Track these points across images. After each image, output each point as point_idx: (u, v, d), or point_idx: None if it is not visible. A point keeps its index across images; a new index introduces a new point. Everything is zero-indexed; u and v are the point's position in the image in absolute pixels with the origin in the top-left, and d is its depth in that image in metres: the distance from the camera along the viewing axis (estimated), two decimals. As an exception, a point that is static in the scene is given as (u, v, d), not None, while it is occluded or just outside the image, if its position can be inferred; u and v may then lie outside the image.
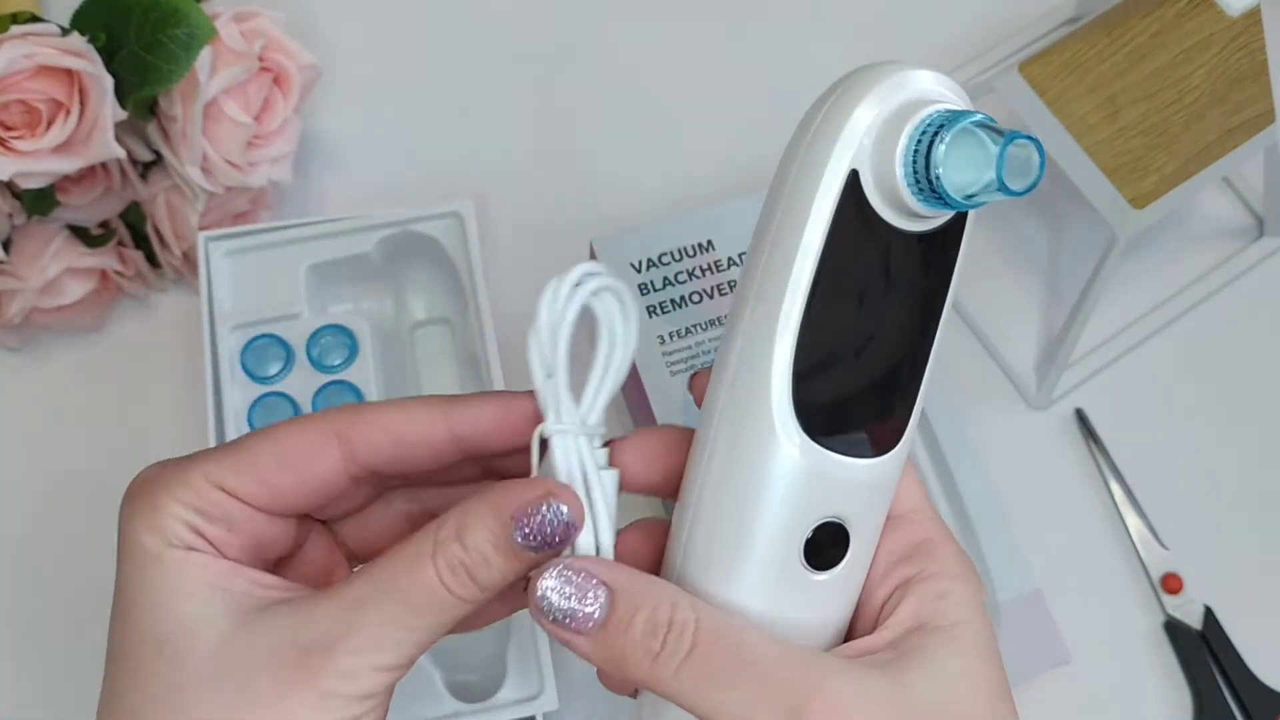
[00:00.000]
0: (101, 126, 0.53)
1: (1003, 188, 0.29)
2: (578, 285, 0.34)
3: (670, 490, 0.35)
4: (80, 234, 0.59)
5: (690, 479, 0.34)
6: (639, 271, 0.58)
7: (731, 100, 0.70)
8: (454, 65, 0.70)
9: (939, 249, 0.32)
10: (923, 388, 0.34)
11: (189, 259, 0.60)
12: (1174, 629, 0.59)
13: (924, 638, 0.32)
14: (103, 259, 0.59)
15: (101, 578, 0.58)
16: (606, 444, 0.35)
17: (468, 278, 0.57)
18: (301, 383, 0.55)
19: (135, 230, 0.61)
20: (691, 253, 0.58)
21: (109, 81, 0.53)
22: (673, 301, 0.57)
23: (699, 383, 0.35)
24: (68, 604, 0.57)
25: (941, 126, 0.29)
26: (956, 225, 0.32)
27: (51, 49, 0.52)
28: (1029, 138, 0.29)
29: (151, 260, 0.62)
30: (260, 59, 0.57)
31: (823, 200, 0.31)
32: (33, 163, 0.52)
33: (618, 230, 0.59)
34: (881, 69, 0.31)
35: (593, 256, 0.58)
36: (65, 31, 0.53)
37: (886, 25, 0.72)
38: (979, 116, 0.29)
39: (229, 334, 0.56)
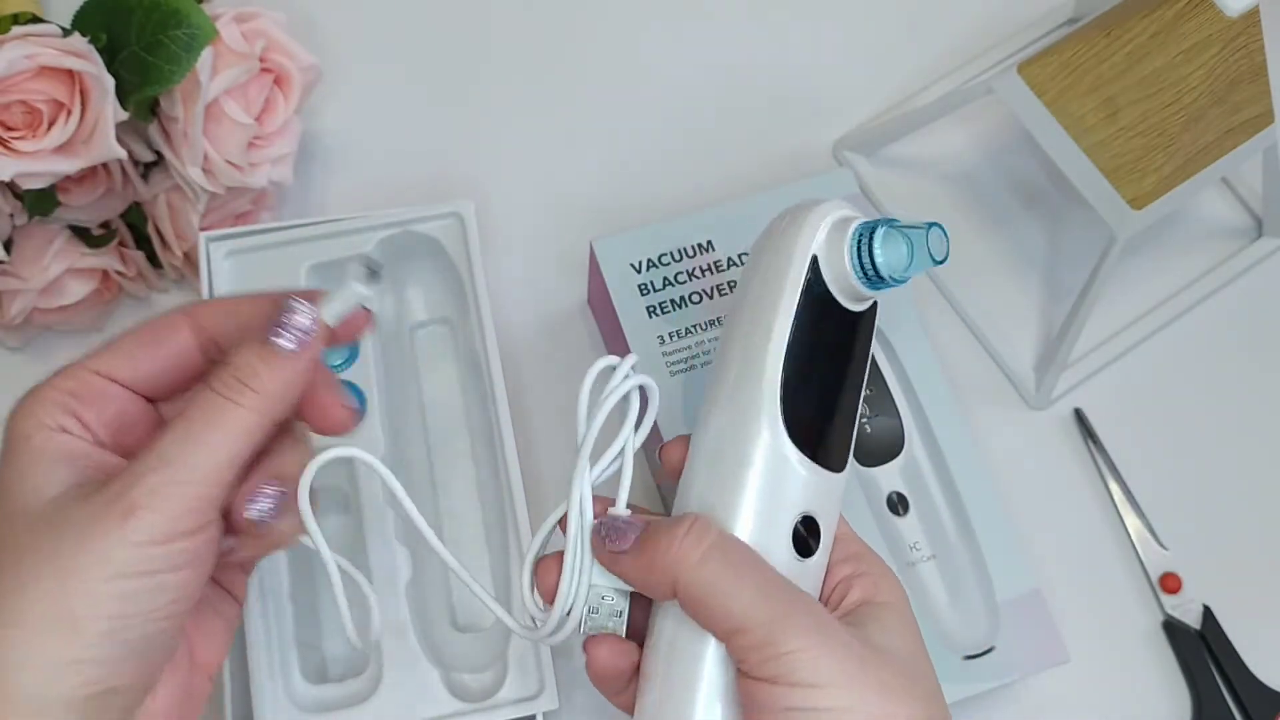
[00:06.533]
0: (103, 127, 0.53)
1: (931, 260, 0.41)
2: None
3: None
4: (81, 234, 0.59)
5: (691, 477, 0.42)
6: (639, 272, 0.58)
7: (731, 100, 0.70)
8: (454, 65, 0.70)
9: (865, 325, 0.43)
10: (855, 427, 0.44)
11: (190, 259, 0.60)
12: (1173, 629, 0.60)
13: (868, 609, 0.41)
14: (104, 259, 0.59)
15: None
16: None
17: (468, 278, 0.57)
18: (302, 383, 0.56)
19: (136, 230, 0.61)
20: (691, 253, 0.59)
21: (110, 82, 0.53)
22: (673, 301, 0.57)
23: (669, 452, 0.44)
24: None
25: (870, 233, 0.41)
26: (871, 311, 0.44)
27: (53, 50, 0.52)
28: (936, 225, 0.41)
29: (153, 260, 0.62)
30: (261, 59, 0.57)
31: (793, 277, 0.41)
32: (34, 163, 0.53)
33: (618, 230, 0.59)
34: (815, 204, 0.43)
35: (592, 256, 0.59)
36: (66, 32, 0.53)
37: (886, 27, 0.73)
38: (888, 221, 0.41)
39: (230, 334, 0.56)
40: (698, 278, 0.58)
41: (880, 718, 0.37)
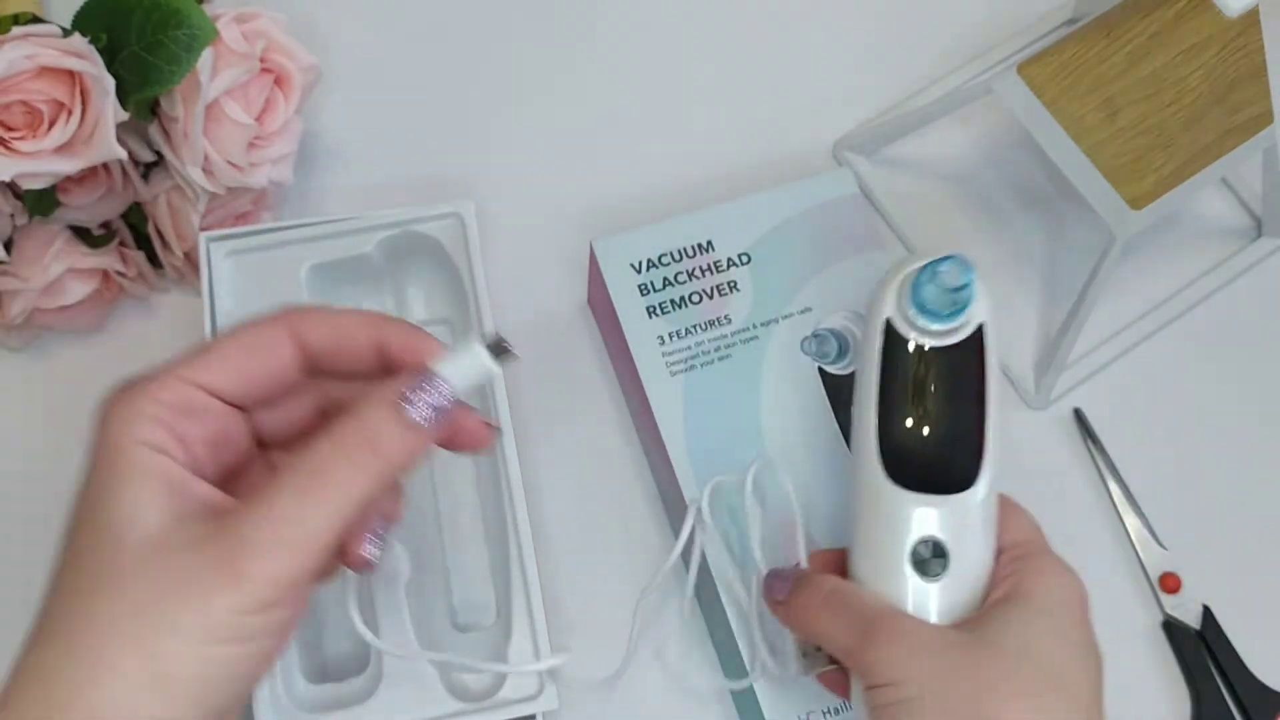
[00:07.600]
0: (103, 127, 0.53)
1: (947, 291, 0.44)
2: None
3: None
4: (82, 234, 0.59)
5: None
6: (639, 272, 0.58)
7: (731, 101, 0.70)
8: (454, 65, 0.70)
9: (968, 353, 0.46)
10: (988, 447, 0.46)
11: (190, 259, 0.60)
12: (1172, 628, 0.60)
13: (1000, 605, 0.43)
14: (104, 259, 0.59)
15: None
16: None
17: (468, 278, 0.58)
18: (302, 383, 0.56)
19: (137, 231, 0.61)
20: (691, 253, 0.59)
21: (110, 82, 0.53)
22: (673, 302, 0.57)
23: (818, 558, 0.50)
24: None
25: (917, 280, 0.45)
26: (976, 336, 0.46)
27: (53, 50, 0.52)
28: (949, 258, 0.44)
29: (153, 261, 0.62)
30: (261, 60, 0.57)
31: (874, 341, 0.46)
32: (34, 163, 0.53)
33: (618, 230, 0.59)
34: (898, 263, 0.47)
35: (592, 256, 0.59)
36: (67, 32, 0.53)
37: (886, 27, 0.73)
38: (933, 262, 0.44)
39: (230, 334, 0.56)
40: (698, 278, 0.58)
41: (957, 698, 0.40)
